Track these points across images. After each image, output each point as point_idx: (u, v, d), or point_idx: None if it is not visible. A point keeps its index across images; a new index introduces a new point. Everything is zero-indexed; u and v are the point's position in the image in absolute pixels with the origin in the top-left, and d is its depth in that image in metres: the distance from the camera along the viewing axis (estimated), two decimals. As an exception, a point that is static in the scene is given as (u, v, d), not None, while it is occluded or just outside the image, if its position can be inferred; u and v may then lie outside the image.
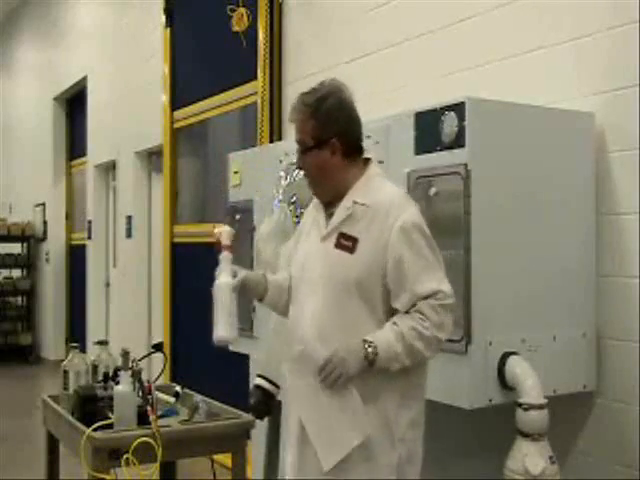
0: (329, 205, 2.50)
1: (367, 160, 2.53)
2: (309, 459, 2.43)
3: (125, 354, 3.03)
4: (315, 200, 2.59)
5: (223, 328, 2.45)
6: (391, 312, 2.37)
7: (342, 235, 2.41)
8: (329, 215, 2.47)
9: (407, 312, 2.34)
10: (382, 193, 2.43)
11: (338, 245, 2.40)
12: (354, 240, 2.38)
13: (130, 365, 3.02)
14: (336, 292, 2.38)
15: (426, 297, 2.31)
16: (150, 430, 2.88)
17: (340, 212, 2.43)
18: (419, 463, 2.48)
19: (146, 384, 3.07)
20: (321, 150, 2.44)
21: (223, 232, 2.57)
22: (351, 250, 2.38)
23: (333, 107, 2.43)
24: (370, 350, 2.29)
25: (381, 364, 2.31)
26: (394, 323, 2.33)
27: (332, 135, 2.43)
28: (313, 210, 2.60)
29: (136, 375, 3.03)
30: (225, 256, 2.54)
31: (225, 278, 2.48)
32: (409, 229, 2.34)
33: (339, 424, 2.36)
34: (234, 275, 2.49)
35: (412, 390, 2.42)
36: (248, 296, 2.63)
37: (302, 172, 2.60)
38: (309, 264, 2.49)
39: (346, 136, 2.45)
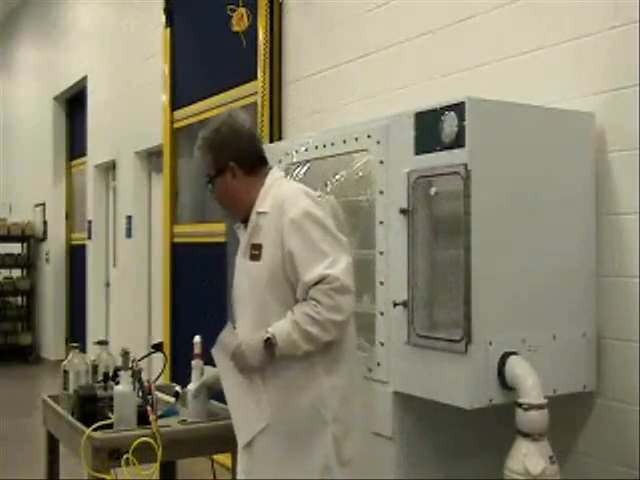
0: (247, 222, 2.68)
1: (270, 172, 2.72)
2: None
3: (125, 354, 3.03)
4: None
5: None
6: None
7: (252, 246, 2.60)
8: None
9: (305, 300, 2.48)
10: (278, 196, 2.60)
11: (251, 257, 2.60)
12: (259, 247, 2.56)
13: (130, 365, 3.02)
14: (257, 300, 2.56)
15: (316, 283, 2.44)
16: (150, 430, 2.88)
17: (249, 226, 2.63)
18: (357, 439, 2.64)
19: (146, 384, 3.07)
20: (223, 176, 2.66)
21: (195, 343, 3.11)
22: (258, 257, 2.56)
23: (226, 135, 2.66)
24: (269, 342, 2.48)
25: (282, 352, 2.48)
26: (292, 312, 2.48)
27: (228, 160, 2.63)
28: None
29: (136, 375, 3.03)
30: (195, 364, 3.13)
31: (191, 385, 3.15)
32: (299, 219, 2.50)
33: (247, 407, 2.58)
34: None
35: (333, 368, 2.57)
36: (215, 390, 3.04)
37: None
38: (237, 282, 2.70)
39: (243, 157, 2.66)
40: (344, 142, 3.33)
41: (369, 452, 2.83)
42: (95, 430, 2.88)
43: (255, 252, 2.58)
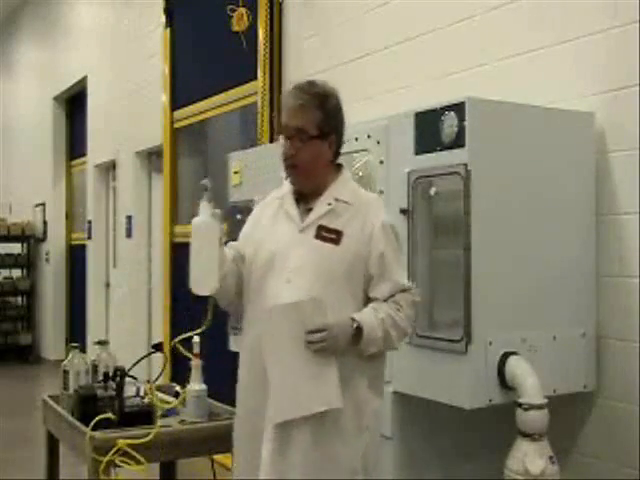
0: (301, 200, 2.59)
1: (339, 165, 2.65)
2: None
3: (205, 188, 2.45)
4: (276, 194, 2.66)
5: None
6: (367, 299, 2.51)
7: (322, 227, 2.52)
8: (306, 210, 2.57)
9: (385, 301, 2.48)
10: (360, 194, 2.62)
11: (319, 237, 2.51)
12: (338, 233, 2.51)
13: (210, 199, 2.46)
14: (321, 280, 2.47)
15: (404, 290, 2.50)
16: (150, 430, 2.88)
17: (321, 207, 2.55)
18: (380, 453, 2.61)
19: (146, 383, 3.07)
20: (322, 142, 2.54)
21: (194, 342, 3.09)
22: (336, 242, 2.50)
23: (337, 106, 2.59)
24: (357, 331, 2.41)
25: (362, 345, 2.43)
26: (374, 309, 2.46)
27: (333, 131, 2.55)
28: (274, 203, 2.64)
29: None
30: (195, 363, 3.16)
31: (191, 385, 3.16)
32: (388, 228, 2.55)
33: (307, 385, 2.40)
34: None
35: (376, 380, 2.55)
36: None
37: (287, 160, 2.55)
38: (281, 254, 2.52)
39: (340, 136, 2.59)
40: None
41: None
42: (95, 425, 2.87)
43: (329, 235, 2.50)
